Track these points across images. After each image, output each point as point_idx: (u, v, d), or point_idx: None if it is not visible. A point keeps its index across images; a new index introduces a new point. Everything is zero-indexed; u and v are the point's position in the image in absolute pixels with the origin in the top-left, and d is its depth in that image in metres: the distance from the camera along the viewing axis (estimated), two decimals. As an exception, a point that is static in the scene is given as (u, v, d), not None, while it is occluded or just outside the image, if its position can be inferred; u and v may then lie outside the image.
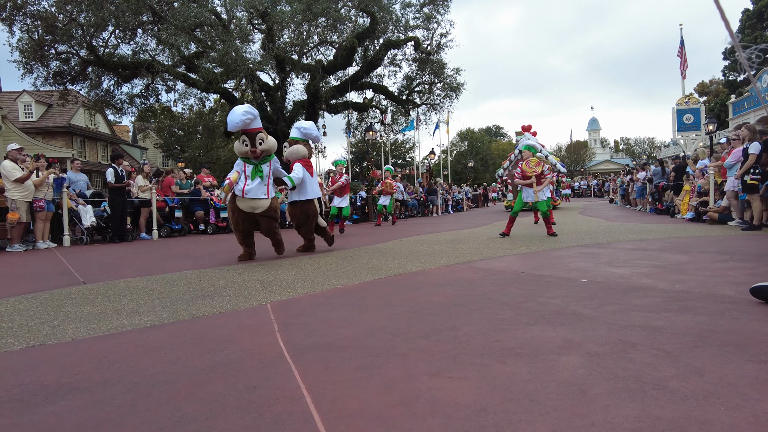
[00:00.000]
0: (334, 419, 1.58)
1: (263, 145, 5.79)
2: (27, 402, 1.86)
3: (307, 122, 7.12)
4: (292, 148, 6.77)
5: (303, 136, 6.79)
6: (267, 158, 5.91)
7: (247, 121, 5.58)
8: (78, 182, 10.42)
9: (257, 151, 5.74)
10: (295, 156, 6.74)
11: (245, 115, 5.54)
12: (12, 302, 3.86)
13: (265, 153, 5.86)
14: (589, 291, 3.44)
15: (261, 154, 5.80)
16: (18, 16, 14.73)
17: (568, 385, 1.77)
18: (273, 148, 5.91)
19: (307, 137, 6.88)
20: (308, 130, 6.89)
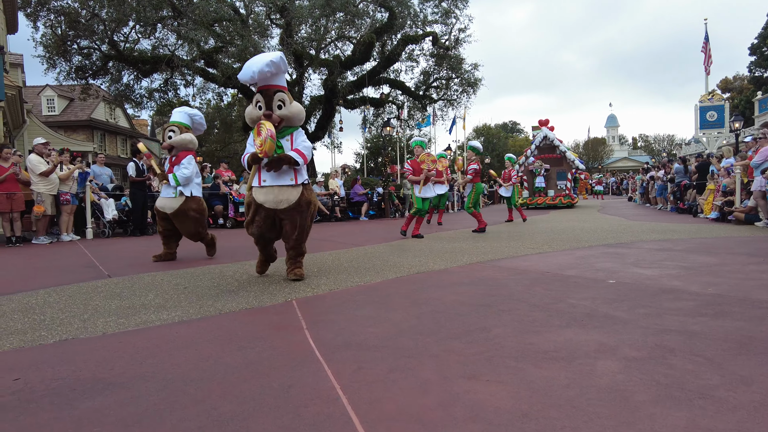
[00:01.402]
0: (373, 422, 1.56)
1: (284, 110, 4.04)
2: (66, 396, 1.87)
3: (197, 111, 6.08)
4: (183, 136, 5.71)
5: (191, 124, 5.88)
6: (288, 130, 4.17)
7: (266, 73, 3.95)
8: (102, 176, 10.58)
9: (274, 116, 4.00)
10: (187, 145, 5.76)
11: (268, 66, 3.91)
12: (42, 295, 3.92)
13: (287, 123, 4.13)
14: (619, 293, 3.38)
15: (280, 122, 4.07)
16: (42, 12, 14.95)
17: (609, 391, 1.73)
18: (297, 116, 4.17)
19: (196, 129, 6.00)
20: (201, 120, 6.05)
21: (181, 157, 5.76)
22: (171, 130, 5.76)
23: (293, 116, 4.16)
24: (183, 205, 5.73)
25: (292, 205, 4.08)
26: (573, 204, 18.51)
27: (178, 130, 5.74)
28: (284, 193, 4.07)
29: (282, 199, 4.06)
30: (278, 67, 4.04)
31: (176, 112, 5.98)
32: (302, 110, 4.26)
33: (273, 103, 4.06)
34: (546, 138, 19.38)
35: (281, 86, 4.15)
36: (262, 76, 3.97)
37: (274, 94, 4.07)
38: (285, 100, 4.10)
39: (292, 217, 4.13)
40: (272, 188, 4.07)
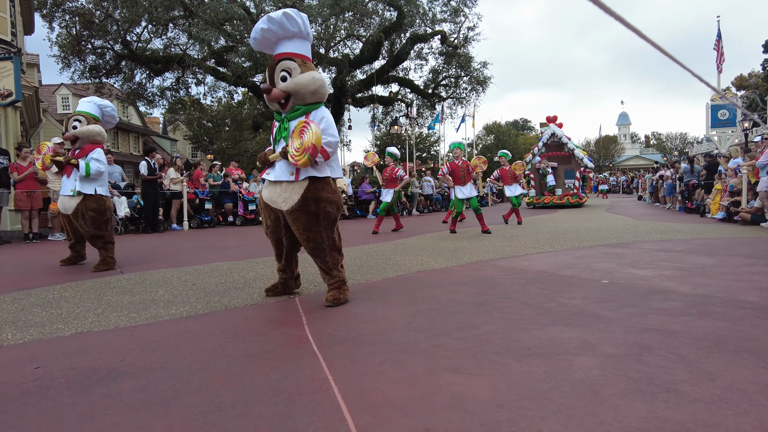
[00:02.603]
0: (359, 409, 1.71)
1: (288, 82, 3.22)
2: (82, 384, 2.04)
3: (109, 102, 5.61)
4: (90, 127, 5.22)
5: (101, 117, 5.43)
6: (300, 109, 3.29)
7: (266, 33, 3.27)
8: (113, 174, 10.83)
9: (275, 91, 3.22)
10: (95, 137, 5.27)
11: (264, 23, 3.25)
12: (58, 290, 4.12)
13: (296, 99, 3.26)
14: (610, 292, 3.49)
15: (287, 99, 3.27)
16: (57, 13, 15.28)
17: (581, 384, 1.86)
18: (308, 88, 3.24)
19: (106, 122, 5.54)
20: (113, 113, 5.57)
21: (87, 150, 5.20)
22: (76, 119, 5.22)
23: (301, 88, 3.21)
24: (80, 204, 5.18)
25: (294, 205, 3.26)
26: (581, 203, 18.35)
27: (85, 121, 5.21)
28: (286, 191, 3.30)
29: (285, 197, 3.29)
30: (280, 26, 3.21)
31: (84, 102, 5.44)
32: (315, 79, 3.26)
33: (275, 74, 3.26)
34: (554, 135, 19.10)
35: (291, 53, 3.29)
36: (263, 37, 3.31)
37: (277, 64, 3.27)
38: (291, 69, 3.23)
39: (297, 218, 3.29)
40: (276, 184, 3.37)
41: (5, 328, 2.94)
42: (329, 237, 3.40)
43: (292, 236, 3.50)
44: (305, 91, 3.25)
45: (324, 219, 3.33)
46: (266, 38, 3.31)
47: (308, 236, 3.32)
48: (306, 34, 3.36)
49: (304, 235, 3.33)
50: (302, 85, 3.23)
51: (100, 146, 5.31)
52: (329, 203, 3.34)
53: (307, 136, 3.04)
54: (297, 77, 3.23)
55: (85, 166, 5.08)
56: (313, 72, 3.29)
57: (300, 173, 3.27)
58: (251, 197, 12.31)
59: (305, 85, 3.23)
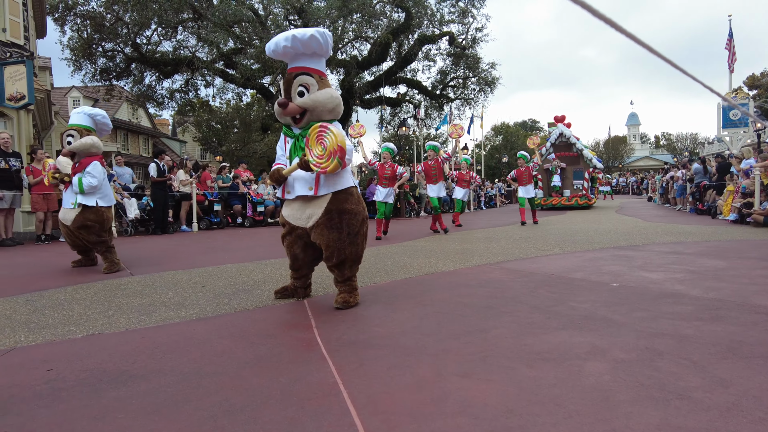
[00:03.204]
0: (368, 414, 1.70)
1: (306, 98, 3.18)
2: (93, 386, 2.06)
3: (100, 110, 5.50)
4: (84, 140, 5.15)
5: (94, 126, 5.35)
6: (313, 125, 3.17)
7: (284, 49, 3.23)
8: (123, 176, 10.93)
9: (291, 106, 3.18)
10: (89, 149, 5.20)
11: (287, 41, 3.18)
12: (69, 291, 4.16)
13: (312, 115, 3.22)
14: (620, 296, 3.46)
15: (303, 115, 3.23)
16: (69, 16, 15.46)
17: (592, 390, 1.84)
18: (325, 106, 3.23)
19: (100, 130, 5.46)
20: (105, 120, 5.46)
21: (85, 164, 5.18)
22: (69, 135, 5.20)
23: (318, 105, 3.19)
24: (79, 216, 5.23)
25: (319, 219, 3.22)
26: (590, 204, 18.18)
27: (78, 135, 5.17)
28: (309, 206, 3.26)
29: (309, 213, 3.25)
30: (304, 45, 3.18)
31: (74, 114, 5.36)
32: (333, 98, 3.26)
33: (292, 88, 3.22)
34: (562, 135, 18.93)
35: (309, 68, 3.25)
36: (283, 52, 3.27)
37: (294, 78, 3.22)
38: (309, 85, 3.19)
39: (322, 233, 3.23)
40: (296, 201, 3.33)
41: (18, 329, 2.97)
42: (353, 252, 3.32)
43: (311, 253, 3.46)
44: (323, 108, 3.22)
45: (348, 233, 3.25)
46: (286, 53, 3.28)
47: (332, 252, 3.26)
48: (326, 53, 3.32)
49: (328, 251, 3.27)
50: (321, 102, 3.20)
51: (97, 158, 5.29)
52: (354, 215, 3.27)
53: (329, 139, 2.98)
54: (316, 94, 3.20)
55: (78, 182, 5.13)
56: (330, 90, 3.29)
57: (319, 188, 3.22)
58: (260, 199, 12.36)
59: (323, 103, 3.21)
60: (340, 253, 3.26)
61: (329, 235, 3.22)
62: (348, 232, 3.24)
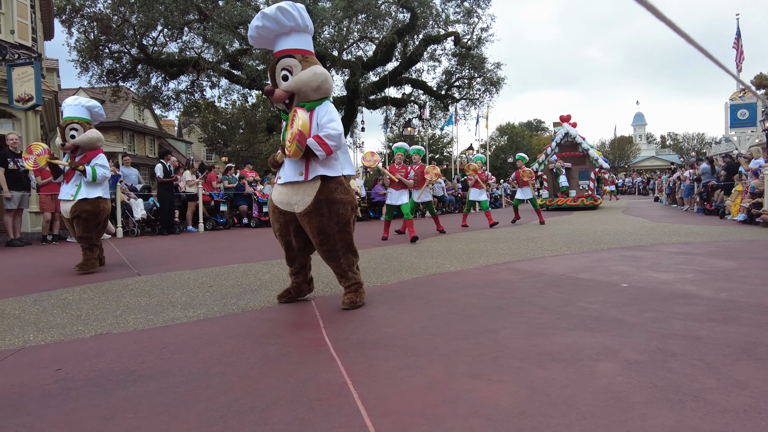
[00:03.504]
0: (379, 415, 1.69)
1: (290, 80, 3.10)
2: (102, 386, 2.05)
3: (94, 101, 5.41)
4: (89, 134, 5.13)
5: (90, 118, 5.28)
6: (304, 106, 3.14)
7: (261, 30, 3.14)
8: (130, 176, 10.97)
9: (277, 92, 3.12)
10: (95, 143, 5.20)
11: (258, 20, 3.10)
12: (77, 291, 4.17)
13: (300, 96, 3.13)
14: (630, 296, 3.43)
15: (291, 99, 3.15)
16: (76, 18, 15.54)
17: (605, 392, 1.82)
18: (309, 84, 3.10)
19: (95, 121, 5.36)
20: (100, 111, 5.39)
21: (90, 156, 5.15)
22: (73, 128, 5.10)
23: (302, 86, 3.07)
24: (75, 207, 5.14)
25: (307, 207, 3.15)
26: (596, 205, 18.03)
27: (81, 128, 5.11)
28: (298, 193, 3.18)
29: (296, 200, 3.19)
30: (275, 21, 3.06)
31: (71, 106, 5.21)
32: (317, 75, 3.10)
33: (276, 74, 3.14)
34: (568, 135, 18.72)
35: (290, 49, 3.14)
36: (259, 35, 3.17)
37: (277, 63, 3.14)
38: (292, 67, 3.09)
39: (311, 221, 3.18)
40: (287, 186, 3.25)
41: (27, 329, 2.98)
42: (343, 240, 3.29)
43: (304, 238, 3.39)
44: (308, 88, 3.11)
45: (338, 222, 3.21)
46: (263, 35, 3.17)
47: (321, 239, 3.22)
48: (304, 27, 3.18)
49: (317, 238, 3.23)
50: (304, 82, 3.09)
51: (101, 151, 5.27)
52: (343, 204, 3.22)
53: (295, 123, 2.95)
54: (298, 75, 3.09)
55: (92, 171, 5.08)
56: (314, 67, 3.13)
57: (309, 172, 3.14)
58: (266, 199, 12.37)
59: (307, 83, 3.09)
60: (329, 240, 3.22)
61: (319, 224, 3.17)
62: (337, 220, 3.20)
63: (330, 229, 3.20)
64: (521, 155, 12.37)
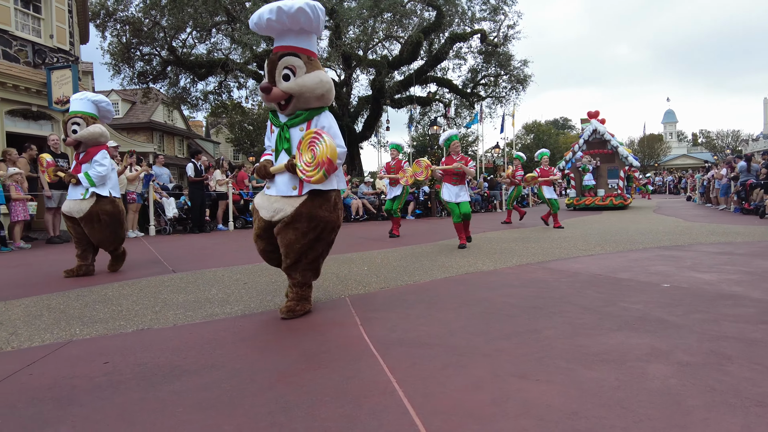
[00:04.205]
0: (428, 414, 1.67)
1: (291, 82, 2.85)
2: (149, 380, 2.08)
3: (102, 96, 5.22)
4: (91, 129, 4.86)
5: (97, 113, 5.05)
6: (302, 115, 2.94)
7: (269, 23, 2.84)
8: (162, 176, 11.20)
9: (275, 91, 2.84)
10: (98, 139, 4.93)
11: (270, 13, 2.79)
12: (116, 287, 4.26)
13: (299, 102, 2.91)
14: (673, 297, 3.32)
15: (288, 101, 2.91)
16: (109, 22, 15.97)
17: (660, 394, 1.76)
18: (314, 91, 2.88)
19: (103, 117, 5.15)
20: (108, 107, 5.16)
21: (92, 153, 4.90)
22: (75, 122, 4.84)
23: (306, 91, 2.84)
24: (94, 207, 4.85)
25: (286, 218, 2.93)
26: (626, 205, 17.44)
27: (84, 122, 4.84)
28: (280, 202, 2.97)
29: (277, 208, 2.96)
30: (291, 20, 2.79)
31: (77, 100, 4.98)
32: (322, 83, 2.88)
33: (277, 70, 2.86)
34: (596, 132, 18.01)
35: (297, 48, 2.88)
36: (267, 26, 2.87)
37: (279, 59, 2.86)
38: (296, 67, 2.83)
39: (284, 233, 2.96)
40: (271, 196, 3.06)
41: (73, 323, 3.05)
42: (310, 258, 3.03)
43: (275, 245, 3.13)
44: (311, 95, 2.87)
45: (313, 239, 2.97)
46: (271, 27, 2.87)
47: (288, 251, 2.98)
48: (315, 29, 2.92)
49: (285, 249, 2.99)
50: (308, 88, 2.84)
51: (104, 147, 5.01)
52: (324, 223, 2.97)
53: (320, 148, 2.67)
54: (302, 78, 2.83)
55: (86, 178, 4.83)
56: (320, 73, 2.91)
57: (303, 187, 2.92)
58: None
59: (311, 89, 2.85)
60: (296, 255, 2.98)
61: (289, 236, 2.93)
62: (311, 237, 2.96)
63: (298, 244, 2.95)
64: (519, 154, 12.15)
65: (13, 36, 9.95)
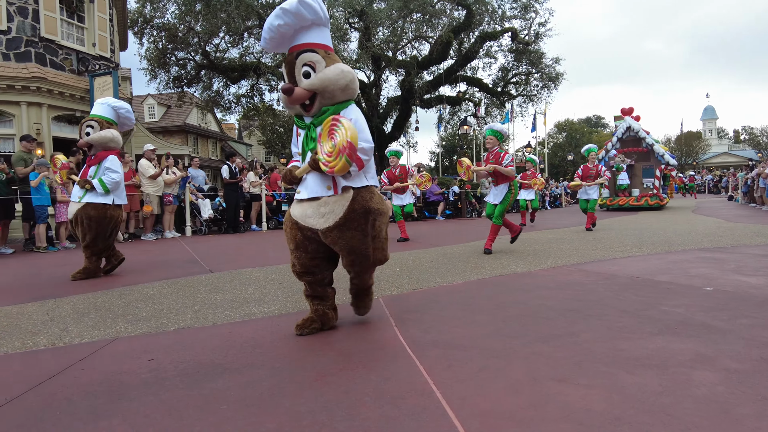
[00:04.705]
0: (467, 416, 1.67)
1: (313, 78, 2.63)
2: (192, 377, 2.15)
3: (125, 103, 5.28)
4: (103, 133, 4.91)
5: (116, 119, 5.12)
6: (329, 111, 2.67)
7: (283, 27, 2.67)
8: (197, 178, 11.49)
9: (297, 91, 2.63)
10: (107, 143, 4.98)
11: (278, 17, 2.64)
12: (156, 287, 4.40)
13: (324, 98, 2.69)
14: (717, 301, 3.22)
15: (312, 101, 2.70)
16: (147, 29, 16.48)
17: (707, 401, 1.71)
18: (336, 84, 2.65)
19: (122, 124, 5.22)
20: (128, 114, 5.21)
21: (101, 157, 4.94)
22: (89, 125, 4.93)
23: (329, 84, 2.64)
24: (79, 210, 4.90)
25: (338, 220, 2.63)
26: (662, 205, 16.78)
27: (98, 126, 4.91)
28: (327, 204, 2.66)
29: (324, 212, 2.65)
30: (297, 16, 2.63)
31: (98, 105, 5.13)
32: (344, 73, 2.68)
33: (296, 70, 2.67)
34: (630, 129, 17.24)
35: (312, 43, 2.70)
36: (279, 34, 2.71)
37: (296, 57, 2.66)
38: (315, 63, 2.65)
39: (340, 237, 2.65)
40: (310, 201, 2.73)
41: (118, 321, 3.18)
42: (377, 257, 2.81)
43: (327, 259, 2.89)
44: (335, 87, 2.66)
45: (375, 236, 2.74)
46: (283, 34, 2.70)
47: (353, 259, 2.73)
48: (325, 20, 2.76)
49: (349, 257, 2.73)
50: (331, 80, 2.63)
51: (114, 152, 5.02)
52: (380, 215, 2.75)
53: (339, 134, 2.44)
54: (324, 72, 2.63)
55: (100, 184, 4.89)
56: (340, 64, 2.72)
57: (338, 185, 2.67)
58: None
59: (334, 81, 2.64)
60: (364, 259, 2.74)
61: (352, 238, 2.65)
62: (375, 235, 2.74)
63: (364, 245, 2.69)
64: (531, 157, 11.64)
65: (60, 45, 10.40)
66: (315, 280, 2.87)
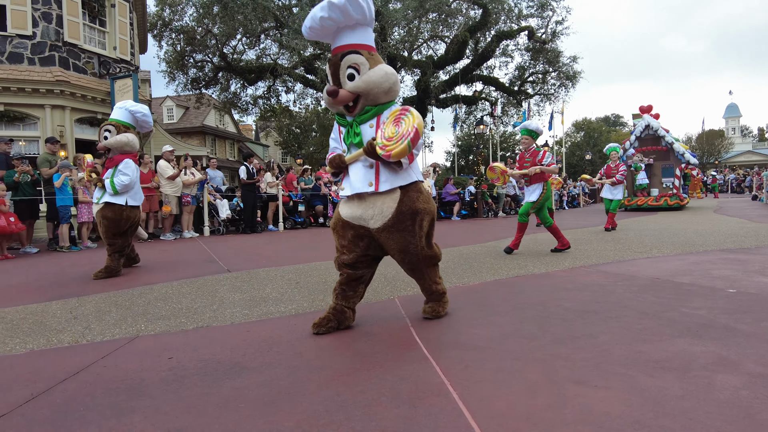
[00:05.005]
0: (484, 418, 1.66)
1: (357, 80, 2.68)
2: (211, 376, 2.18)
3: (143, 106, 5.38)
4: (119, 137, 5.07)
5: (134, 123, 5.28)
6: (371, 111, 2.75)
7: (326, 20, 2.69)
8: (215, 178, 11.63)
9: (342, 93, 2.67)
10: (123, 147, 5.13)
11: (323, 10, 2.65)
12: (175, 286, 4.47)
13: (367, 99, 2.74)
14: (741, 303, 3.15)
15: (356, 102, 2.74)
16: (165, 32, 16.73)
17: (730, 406, 1.68)
18: (380, 86, 2.70)
19: (140, 128, 5.39)
20: (145, 118, 5.32)
21: (116, 161, 5.11)
22: (107, 129, 5.09)
23: (373, 87, 2.69)
24: (99, 211, 5.19)
25: (388, 221, 2.74)
26: (682, 205, 16.38)
27: (115, 130, 5.08)
28: (374, 205, 2.76)
29: (372, 214, 2.76)
30: (343, 13, 2.65)
31: (116, 109, 5.28)
32: (388, 75, 2.72)
33: (340, 72, 2.70)
34: (649, 127, 16.78)
35: (356, 44, 2.73)
36: (321, 27, 2.72)
37: (341, 59, 2.70)
38: (360, 65, 2.68)
39: (390, 238, 2.78)
40: (358, 199, 2.84)
41: (138, 320, 3.24)
42: (427, 254, 2.93)
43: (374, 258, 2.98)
44: (379, 90, 2.70)
45: (422, 236, 2.85)
46: (325, 27, 2.73)
47: (404, 258, 2.86)
48: (369, 20, 2.78)
49: (400, 255, 2.86)
50: (375, 83, 2.68)
51: (130, 156, 5.19)
52: (426, 214, 2.85)
53: (406, 121, 2.54)
54: (368, 74, 2.67)
55: (111, 185, 5.06)
56: (384, 66, 2.76)
57: (380, 183, 2.73)
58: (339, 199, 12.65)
59: (378, 84, 2.68)
60: (413, 257, 2.86)
61: (402, 239, 2.78)
62: (422, 235, 2.84)
63: (413, 245, 2.82)
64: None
65: (82, 49, 10.63)
66: (354, 275, 2.91)
